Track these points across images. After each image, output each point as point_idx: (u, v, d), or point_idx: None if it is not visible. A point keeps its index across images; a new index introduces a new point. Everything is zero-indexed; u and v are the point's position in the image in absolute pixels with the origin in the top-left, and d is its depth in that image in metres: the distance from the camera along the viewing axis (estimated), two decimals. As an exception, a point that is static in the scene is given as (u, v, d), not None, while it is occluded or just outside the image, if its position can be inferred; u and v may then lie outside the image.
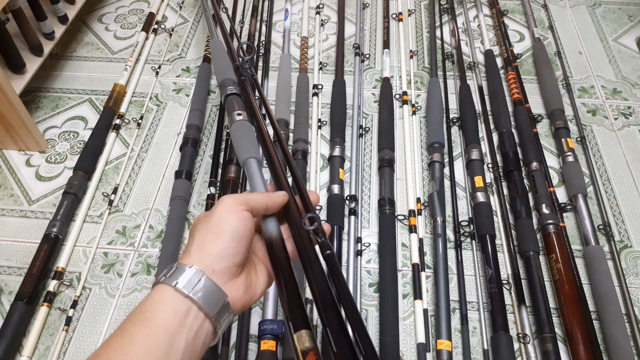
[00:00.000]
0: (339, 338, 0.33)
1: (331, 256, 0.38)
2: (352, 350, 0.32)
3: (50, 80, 1.24)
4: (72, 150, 1.09)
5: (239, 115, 0.52)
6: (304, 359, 0.32)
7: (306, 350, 0.33)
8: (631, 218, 0.99)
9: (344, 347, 0.32)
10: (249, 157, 0.47)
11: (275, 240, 0.41)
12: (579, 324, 0.80)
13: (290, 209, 0.42)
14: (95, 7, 1.45)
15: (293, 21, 1.40)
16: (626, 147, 1.11)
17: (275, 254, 0.40)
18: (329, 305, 0.35)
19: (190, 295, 0.34)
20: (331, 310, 0.34)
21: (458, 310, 0.85)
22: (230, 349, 0.81)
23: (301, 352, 0.33)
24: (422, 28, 1.39)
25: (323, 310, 0.34)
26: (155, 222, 0.98)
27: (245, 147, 0.49)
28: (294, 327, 0.35)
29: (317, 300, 0.35)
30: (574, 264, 0.88)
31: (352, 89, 1.20)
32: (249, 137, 0.50)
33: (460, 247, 0.92)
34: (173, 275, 0.35)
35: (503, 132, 1.08)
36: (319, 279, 0.37)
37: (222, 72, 0.60)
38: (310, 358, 0.32)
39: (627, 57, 1.31)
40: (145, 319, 0.34)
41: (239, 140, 0.50)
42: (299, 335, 0.34)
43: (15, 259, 0.92)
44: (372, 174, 1.06)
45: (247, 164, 0.47)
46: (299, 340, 0.33)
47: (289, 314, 0.36)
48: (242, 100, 0.56)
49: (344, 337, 0.33)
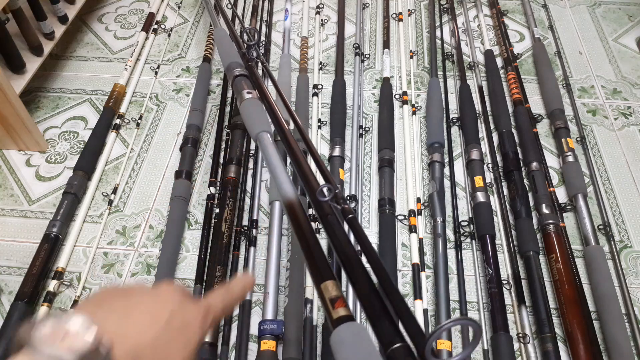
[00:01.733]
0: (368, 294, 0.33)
1: (353, 220, 0.39)
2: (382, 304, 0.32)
3: (50, 80, 1.24)
4: (72, 150, 1.09)
5: (248, 94, 0.53)
6: (332, 306, 0.33)
7: (334, 298, 0.33)
8: (631, 218, 0.99)
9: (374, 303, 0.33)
10: (261, 130, 0.48)
11: (296, 203, 0.42)
12: (579, 324, 0.80)
13: (307, 179, 0.43)
14: (95, 7, 1.44)
15: (293, 21, 1.40)
16: (626, 147, 1.11)
17: (295, 214, 0.41)
18: (353, 262, 0.35)
19: None
20: (357, 267, 0.35)
21: (458, 311, 0.85)
22: (230, 349, 0.81)
23: (329, 300, 0.33)
24: (422, 28, 1.39)
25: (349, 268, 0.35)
26: (155, 222, 0.98)
27: (257, 122, 0.50)
28: (319, 280, 0.35)
29: (341, 259, 0.36)
30: (574, 264, 0.88)
31: (352, 89, 1.20)
32: (260, 112, 0.51)
33: (460, 247, 0.92)
34: None
35: (503, 132, 1.08)
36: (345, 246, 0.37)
37: (228, 57, 0.61)
38: (339, 305, 0.33)
39: (627, 57, 1.31)
40: None
41: (250, 116, 0.51)
42: (324, 286, 0.34)
43: (15, 259, 0.92)
44: (372, 174, 1.06)
45: (259, 138, 0.48)
46: (326, 290, 0.34)
47: (313, 267, 0.36)
48: (249, 81, 0.57)
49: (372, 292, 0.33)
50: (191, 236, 0.95)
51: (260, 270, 0.90)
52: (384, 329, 0.31)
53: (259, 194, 1.00)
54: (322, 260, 0.37)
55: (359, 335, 0.31)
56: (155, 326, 0.29)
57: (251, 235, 0.93)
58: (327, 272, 0.36)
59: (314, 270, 0.36)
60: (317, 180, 0.44)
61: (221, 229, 0.91)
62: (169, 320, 0.29)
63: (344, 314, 0.33)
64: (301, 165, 0.45)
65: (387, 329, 0.31)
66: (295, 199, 0.42)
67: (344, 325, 0.32)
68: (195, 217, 0.98)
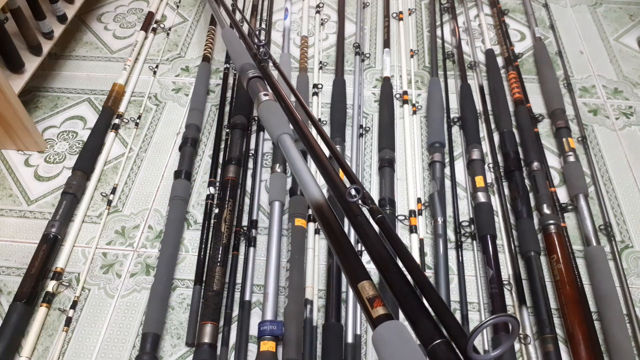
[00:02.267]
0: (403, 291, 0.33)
1: (383, 219, 0.39)
2: (419, 303, 0.33)
3: (49, 79, 1.23)
4: (71, 150, 1.09)
5: (265, 96, 0.53)
6: (371, 306, 0.33)
7: (372, 298, 0.34)
8: (632, 218, 0.98)
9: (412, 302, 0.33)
10: (282, 133, 0.48)
11: (324, 205, 0.41)
12: (580, 324, 0.80)
13: (334, 182, 0.43)
14: (94, 6, 1.44)
15: (293, 20, 1.39)
16: (627, 147, 1.10)
17: (325, 216, 0.41)
18: (388, 262, 0.35)
19: None
20: (391, 266, 0.35)
21: (459, 311, 0.85)
22: (229, 350, 0.80)
23: (367, 299, 0.34)
24: (423, 27, 1.39)
25: (382, 267, 0.35)
26: (154, 222, 0.97)
27: (277, 124, 0.50)
28: (354, 280, 0.35)
29: (375, 259, 0.36)
30: (575, 264, 0.88)
31: (353, 88, 1.19)
32: (279, 114, 0.51)
33: (461, 248, 0.91)
34: None
35: (504, 132, 1.08)
36: (373, 239, 0.37)
37: (240, 58, 0.61)
38: (377, 304, 0.33)
39: (628, 56, 1.31)
40: None
41: (270, 119, 0.51)
42: (361, 286, 0.35)
43: (14, 259, 0.91)
44: (373, 174, 1.05)
45: (281, 140, 0.48)
46: (363, 290, 0.34)
47: (348, 268, 0.36)
48: (264, 82, 0.56)
49: (408, 288, 0.34)
50: (190, 236, 0.95)
51: (260, 271, 0.90)
52: (424, 326, 0.31)
53: (258, 194, 1.00)
54: (357, 261, 0.37)
55: (401, 333, 0.32)
56: None
57: (251, 236, 0.92)
58: (362, 272, 0.36)
59: (350, 272, 0.36)
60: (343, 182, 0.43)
61: (220, 229, 0.91)
62: None
63: (383, 313, 0.33)
64: (326, 168, 0.45)
65: (426, 326, 0.31)
66: (324, 201, 0.42)
67: (386, 324, 0.32)
68: (195, 217, 0.98)
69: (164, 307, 0.84)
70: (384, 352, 0.31)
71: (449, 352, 0.29)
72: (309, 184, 0.43)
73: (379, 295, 0.34)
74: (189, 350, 0.81)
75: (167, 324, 0.84)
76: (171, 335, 0.83)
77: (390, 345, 0.31)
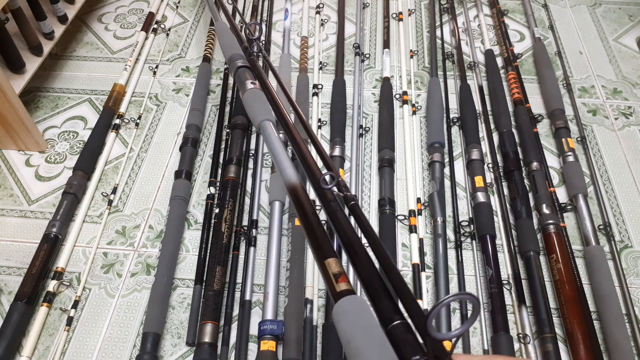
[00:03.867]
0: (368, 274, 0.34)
1: (355, 206, 0.40)
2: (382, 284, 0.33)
3: (49, 80, 1.24)
4: (72, 150, 1.09)
5: (252, 84, 0.54)
6: (336, 281, 0.34)
7: (337, 274, 0.35)
8: (631, 218, 0.98)
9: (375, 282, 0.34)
10: (263, 119, 0.49)
11: (298, 187, 0.43)
12: (580, 324, 0.80)
13: (310, 168, 0.44)
14: (94, 6, 1.44)
15: (293, 21, 1.39)
16: (626, 147, 1.10)
17: (298, 198, 0.42)
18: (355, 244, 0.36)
19: None
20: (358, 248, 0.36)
21: (458, 311, 0.85)
22: (230, 350, 0.80)
23: (333, 275, 0.35)
24: (423, 28, 1.39)
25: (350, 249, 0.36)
26: (154, 222, 0.97)
27: (259, 111, 0.50)
28: (322, 257, 0.36)
29: (343, 241, 0.37)
30: (574, 264, 0.88)
31: (352, 88, 1.20)
32: (262, 102, 0.52)
33: (461, 247, 0.91)
34: None
35: (503, 132, 1.08)
36: (345, 226, 0.38)
37: (230, 49, 0.62)
38: (342, 280, 0.34)
39: (627, 56, 1.31)
40: None
41: (253, 106, 0.52)
42: (328, 263, 0.36)
43: (14, 259, 0.92)
44: (372, 174, 1.05)
45: (262, 126, 0.49)
46: (329, 267, 0.35)
47: (315, 245, 0.38)
48: (252, 73, 0.57)
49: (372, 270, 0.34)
50: (191, 236, 0.95)
51: (260, 271, 0.90)
52: (385, 307, 0.32)
53: (258, 194, 1.00)
54: (325, 239, 0.38)
55: (360, 306, 0.33)
56: None
57: (251, 236, 0.92)
58: (329, 250, 0.37)
59: (317, 248, 0.38)
60: (320, 168, 0.45)
61: (221, 229, 0.91)
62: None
63: (346, 288, 0.34)
64: (303, 153, 0.46)
65: (387, 306, 0.32)
66: (299, 183, 0.43)
67: (346, 298, 0.33)
68: (195, 217, 0.98)
69: (165, 307, 0.84)
70: (342, 323, 0.32)
71: (407, 333, 0.30)
72: (286, 167, 0.45)
73: (344, 272, 0.35)
74: (190, 349, 0.81)
75: (167, 323, 0.84)
76: (172, 335, 0.83)
77: (349, 317, 0.32)
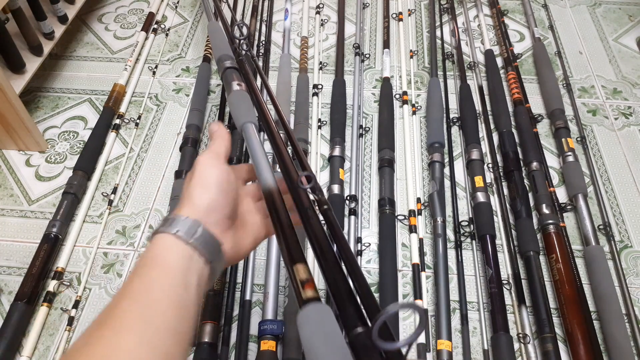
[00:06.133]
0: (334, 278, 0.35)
1: (328, 211, 0.41)
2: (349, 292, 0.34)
3: (50, 80, 1.24)
4: (72, 150, 1.09)
5: (238, 86, 0.54)
6: (303, 288, 0.34)
7: (305, 280, 0.35)
8: (631, 218, 0.99)
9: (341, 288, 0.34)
10: (246, 121, 0.50)
11: (274, 190, 0.43)
12: (579, 324, 0.80)
13: (287, 168, 0.44)
14: (95, 6, 1.44)
15: (293, 21, 1.39)
16: (626, 147, 1.11)
17: (274, 201, 0.43)
18: (330, 258, 0.36)
19: (191, 242, 0.38)
20: (333, 264, 0.36)
21: (458, 311, 0.85)
22: (230, 349, 0.81)
23: (300, 281, 0.35)
24: (422, 28, 1.39)
25: (324, 262, 0.36)
26: (155, 222, 0.97)
27: (243, 113, 0.51)
28: (292, 262, 0.37)
29: (317, 254, 0.37)
30: (574, 264, 0.88)
31: (352, 88, 1.20)
32: (247, 104, 0.52)
33: (461, 247, 0.91)
34: (173, 225, 0.39)
35: (503, 132, 1.08)
36: (318, 233, 0.38)
37: (220, 50, 0.62)
38: (309, 287, 0.35)
39: (627, 57, 1.31)
40: (158, 263, 0.37)
41: (237, 107, 0.52)
42: (296, 268, 0.36)
43: (15, 259, 0.92)
44: (372, 174, 1.05)
45: (244, 128, 0.50)
46: (297, 272, 0.36)
47: (287, 249, 0.38)
48: (240, 74, 0.58)
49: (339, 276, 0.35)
50: (191, 236, 0.95)
51: (260, 270, 0.90)
52: (348, 314, 0.33)
53: (258, 194, 1.00)
54: (296, 244, 0.39)
55: (323, 314, 0.33)
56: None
57: (251, 235, 0.92)
58: (299, 255, 0.38)
59: (288, 253, 0.38)
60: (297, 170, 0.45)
61: (221, 229, 0.91)
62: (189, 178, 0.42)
63: (312, 296, 0.34)
64: (281, 154, 0.46)
65: (351, 314, 0.33)
66: (275, 186, 0.44)
67: (311, 305, 0.33)
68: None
69: (165, 307, 0.84)
70: (305, 330, 0.32)
71: (368, 341, 0.30)
72: (264, 169, 0.45)
73: (312, 279, 0.36)
74: (190, 349, 0.81)
75: (167, 323, 0.84)
76: (172, 335, 0.83)
77: (312, 325, 0.32)
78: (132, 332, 0.32)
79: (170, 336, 0.34)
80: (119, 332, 0.32)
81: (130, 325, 0.33)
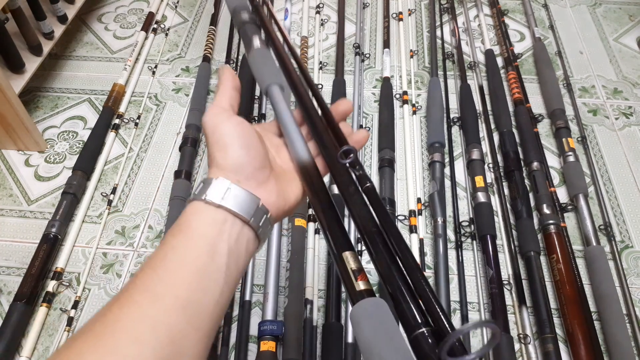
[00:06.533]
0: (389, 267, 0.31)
1: (371, 188, 0.36)
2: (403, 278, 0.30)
3: (49, 80, 1.24)
4: (71, 150, 1.09)
5: (259, 43, 0.47)
6: (355, 279, 0.31)
7: (357, 270, 0.32)
8: (632, 218, 0.98)
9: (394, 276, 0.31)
10: (272, 82, 0.43)
11: (310, 166, 0.39)
12: (580, 324, 0.80)
13: (325, 142, 0.40)
14: (94, 6, 1.44)
15: (293, 21, 1.39)
16: (627, 147, 1.10)
17: (312, 179, 0.38)
18: (376, 235, 0.33)
19: (222, 204, 0.35)
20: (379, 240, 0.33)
21: (459, 311, 0.85)
22: (229, 350, 0.80)
23: (352, 271, 0.32)
24: (423, 28, 1.39)
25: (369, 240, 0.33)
26: (154, 222, 0.97)
27: (267, 73, 0.44)
28: (339, 249, 0.33)
29: (362, 232, 0.34)
30: (574, 264, 0.88)
31: (352, 88, 1.19)
32: (271, 63, 0.46)
33: (461, 248, 0.91)
34: (202, 190, 0.36)
35: (504, 132, 1.08)
36: (361, 211, 0.35)
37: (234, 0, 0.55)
38: (362, 278, 0.31)
39: (627, 56, 1.31)
40: (183, 230, 0.34)
41: (261, 67, 0.45)
42: (345, 256, 0.33)
43: (14, 259, 0.91)
44: (372, 173, 1.05)
45: (270, 91, 0.43)
46: (347, 261, 0.32)
47: (333, 235, 0.35)
48: (259, 29, 0.50)
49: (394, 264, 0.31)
50: (191, 236, 0.95)
51: (260, 271, 0.90)
52: (408, 312, 0.29)
53: (258, 194, 0.99)
54: (341, 229, 0.35)
55: (382, 310, 0.29)
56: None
57: (251, 236, 0.92)
58: (347, 242, 0.34)
59: (333, 239, 0.34)
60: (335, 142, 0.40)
61: (221, 229, 0.90)
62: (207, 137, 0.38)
63: (367, 288, 0.31)
64: (315, 124, 0.41)
65: (410, 312, 0.29)
66: (311, 161, 0.39)
67: (369, 300, 0.30)
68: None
69: (164, 307, 0.84)
70: (363, 327, 0.28)
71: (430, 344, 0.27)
72: (296, 141, 0.39)
73: (363, 269, 0.32)
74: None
75: (167, 323, 0.84)
76: (171, 335, 0.83)
77: (372, 322, 0.29)
78: (136, 305, 0.31)
79: (182, 311, 0.31)
80: (124, 306, 0.31)
81: (135, 299, 0.31)
